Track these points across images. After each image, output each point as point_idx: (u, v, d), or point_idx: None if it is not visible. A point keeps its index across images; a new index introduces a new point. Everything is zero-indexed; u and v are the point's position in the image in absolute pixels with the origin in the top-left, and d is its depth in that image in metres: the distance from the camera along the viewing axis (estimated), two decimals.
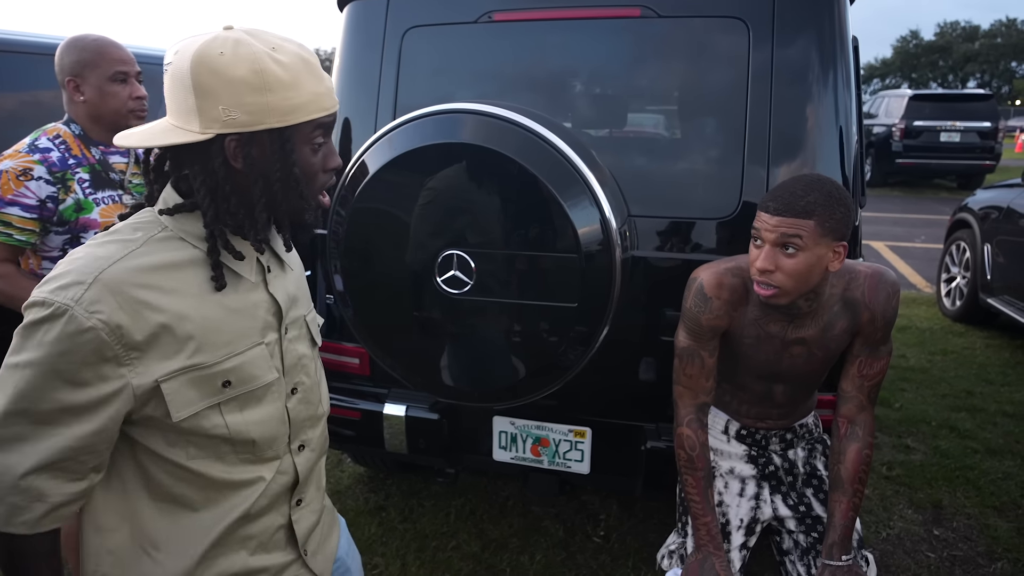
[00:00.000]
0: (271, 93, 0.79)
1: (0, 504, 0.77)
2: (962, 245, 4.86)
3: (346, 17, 1.98)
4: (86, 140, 1.72)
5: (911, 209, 10.06)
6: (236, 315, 0.87)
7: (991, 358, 4.20)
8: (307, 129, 0.83)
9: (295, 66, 0.81)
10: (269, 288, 0.92)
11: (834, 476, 1.48)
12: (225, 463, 0.89)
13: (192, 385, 0.82)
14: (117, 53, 1.69)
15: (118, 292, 0.76)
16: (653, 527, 2.47)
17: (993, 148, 11.19)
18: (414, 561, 2.28)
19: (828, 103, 1.65)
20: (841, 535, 1.43)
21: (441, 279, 1.58)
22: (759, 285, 1.32)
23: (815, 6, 1.64)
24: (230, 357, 0.86)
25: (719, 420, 1.63)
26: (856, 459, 1.46)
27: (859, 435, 1.48)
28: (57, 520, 0.81)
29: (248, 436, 0.89)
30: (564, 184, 1.47)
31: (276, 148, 0.82)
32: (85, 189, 1.67)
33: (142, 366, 0.79)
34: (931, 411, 3.45)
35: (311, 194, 0.87)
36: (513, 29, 1.84)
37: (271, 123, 0.80)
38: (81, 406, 0.77)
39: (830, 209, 1.26)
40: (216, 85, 0.78)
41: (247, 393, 0.88)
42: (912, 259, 6.94)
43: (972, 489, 2.74)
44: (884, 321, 1.42)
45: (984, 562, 2.30)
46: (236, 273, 0.88)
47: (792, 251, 1.28)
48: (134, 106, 1.72)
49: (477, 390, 1.66)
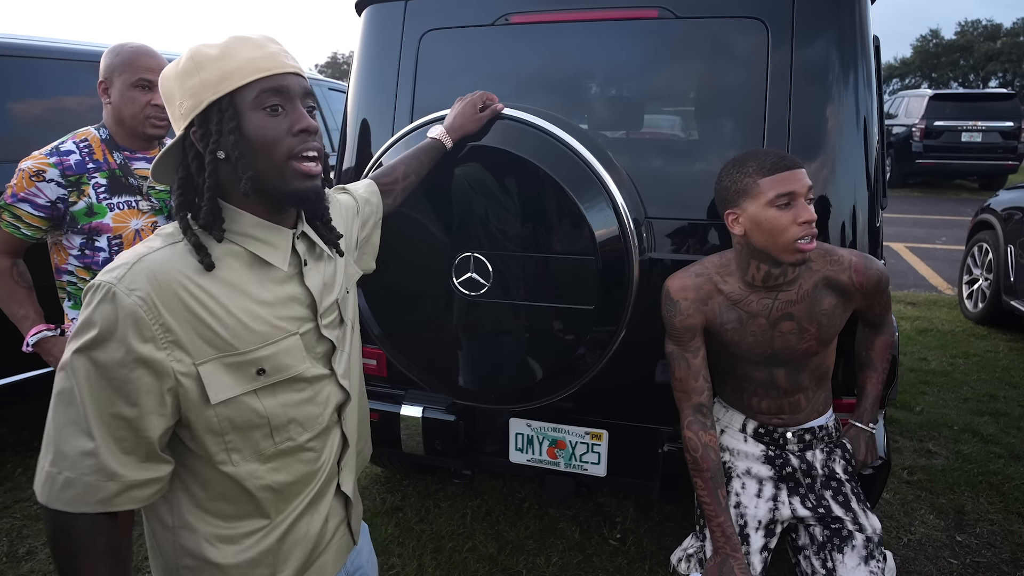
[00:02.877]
0: (202, 71, 0.84)
1: (75, 485, 0.80)
2: (984, 246, 4.79)
3: (364, 21, 1.99)
4: (111, 144, 1.74)
5: (932, 210, 9.92)
6: (269, 307, 0.90)
7: (1015, 361, 4.13)
8: (250, 94, 0.85)
9: (228, 43, 0.86)
10: (305, 280, 0.95)
11: (864, 358, 1.64)
12: (269, 462, 0.92)
13: (228, 371, 0.86)
14: (146, 61, 1.71)
15: (155, 278, 0.81)
16: (670, 530, 2.46)
17: (1016, 148, 11.01)
18: (431, 562, 2.28)
19: (848, 103, 1.63)
20: (872, 403, 1.62)
21: (458, 281, 1.58)
22: (802, 241, 1.35)
23: (835, 6, 1.63)
24: (264, 346, 0.88)
25: (736, 419, 1.62)
26: (884, 343, 1.62)
27: (884, 331, 1.63)
28: (131, 501, 0.84)
29: (286, 418, 0.92)
30: (581, 186, 1.47)
31: (224, 118, 0.85)
32: (100, 194, 1.69)
33: (179, 350, 0.82)
34: (953, 415, 3.40)
35: (277, 157, 0.87)
36: (530, 31, 1.84)
37: (209, 97, 0.84)
38: (131, 388, 0.80)
39: None
40: (171, 88, 0.87)
41: (282, 381, 0.91)
42: (933, 260, 6.85)
43: (995, 494, 2.69)
44: (879, 288, 1.50)
45: (1008, 569, 2.26)
46: (266, 262, 0.90)
47: (812, 199, 1.39)
48: (151, 113, 1.73)
49: (493, 392, 1.66)
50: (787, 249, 1.37)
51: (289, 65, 0.88)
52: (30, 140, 2.53)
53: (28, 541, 2.39)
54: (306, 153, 0.88)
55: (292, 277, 0.94)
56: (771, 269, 1.44)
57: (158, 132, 1.76)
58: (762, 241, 1.39)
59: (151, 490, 0.86)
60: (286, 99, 0.87)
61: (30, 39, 2.94)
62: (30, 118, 2.82)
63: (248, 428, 0.89)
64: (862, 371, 1.64)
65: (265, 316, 0.89)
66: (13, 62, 2.77)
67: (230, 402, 0.86)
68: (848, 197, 1.63)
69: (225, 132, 0.84)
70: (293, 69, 0.88)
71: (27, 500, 2.64)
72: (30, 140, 2.53)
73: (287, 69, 0.87)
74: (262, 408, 0.89)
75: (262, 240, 0.90)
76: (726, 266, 1.52)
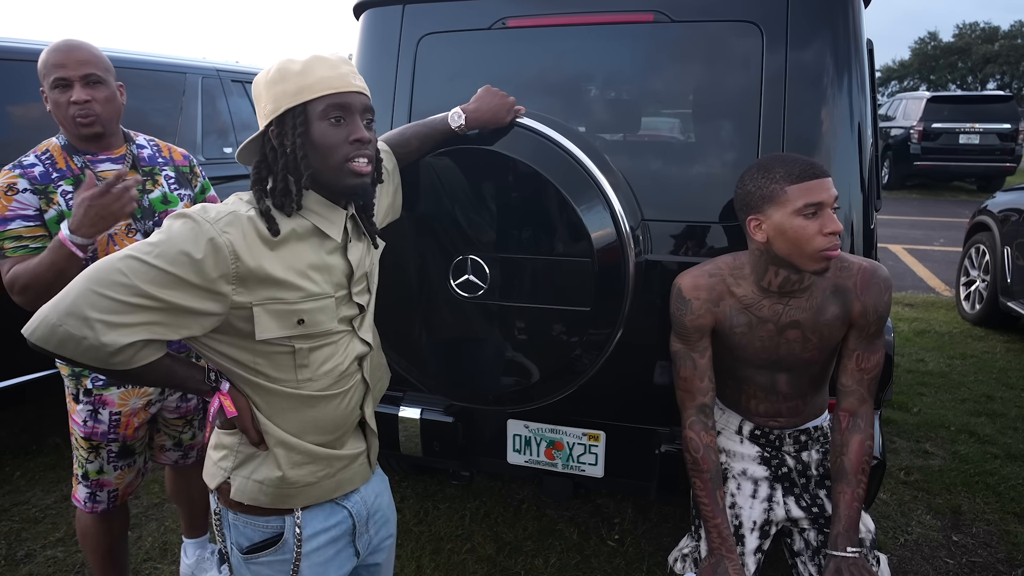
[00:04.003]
0: (285, 82, 1.05)
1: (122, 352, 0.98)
2: (982, 248, 4.81)
3: (362, 24, 2.01)
4: (71, 150, 1.65)
5: (929, 212, 9.94)
6: (317, 270, 1.09)
7: (1012, 362, 4.14)
8: (319, 106, 1.05)
9: (308, 61, 1.06)
10: (348, 254, 1.15)
11: (837, 468, 1.48)
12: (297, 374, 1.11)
13: (274, 316, 1.04)
14: (54, 58, 1.58)
15: (241, 230, 1.01)
16: (668, 531, 2.47)
17: (1013, 150, 11.04)
18: (429, 563, 2.29)
19: (843, 106, 1.64)
20: (846, 525, 1.42)
21: (455, 283, 1.59)
22: (828, 251, 1.33)
23: (829, 9, 1.64)
24: (306, 300, 1.07)
25: (733, 420, 1.63)
26: (859, 450, 1.46)
27: (861, 427, 1.48)
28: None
29: (316, 362, 1.12)
30: (577, 188, 1.48)
31: (296, 124, 1.05)
32: (69, 201, 1.61)
33: (244, 289, 1.02)
34: (950, 416, 3.41)
35: (334, 160, 1.06)
36: (527, 35, 1.85)
37: (287, 104, 1.04)
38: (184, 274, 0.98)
39: None
40: (260, 91, 1.08)
41: (315, 334, 1.10)
42: (931, 262, 6.86)
43: (992, 495, 2.70)
44: (877, 315, 1.44)
45: (1004, 569, 2.27)
46: (325, 234, 1.11)
47: (837, 207, 1.36)
48: (73, 112, 1.59)
49: (491, 393, 1.67)
50: (811, 258, 1.34)
51: (354, 85, 1.07)
52: (28, 142, 2.53)
53: (27, 544, 2.40)
54: (358, 159, 1.07)
55: (338, 249, 1.13)
56: (790, 275, 1.41)
57: (91, 130, 1.63)
58: (785, 249, 1.36)
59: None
60: (347, 113, 1.06)
61: (16, 41, 2.94)
62: (28, 121, 2.83)
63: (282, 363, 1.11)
64: (834, 483, 1.48)
65: (313, 277, 1.08)
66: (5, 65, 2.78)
67: (273, 343, 1.06)
68: (842, 199, 1.64)
69: (296, 134, 1.04)
70: (357, 88, 1.08)
71: (26, 503, 2.65)
72: (28, 142, 2.53)
73: (352, 88, 1.07)
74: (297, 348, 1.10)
75: (323, 216, 1.10)
76: (739, 269, 1.49)
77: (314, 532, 1.18)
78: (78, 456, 1.78)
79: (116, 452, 1.77)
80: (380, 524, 1.33)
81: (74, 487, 1.82)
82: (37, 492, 2.74)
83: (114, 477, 1.80)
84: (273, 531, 1.16)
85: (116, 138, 1.72)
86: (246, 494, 1.13)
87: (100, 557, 1.87)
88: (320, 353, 1.12)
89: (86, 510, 1.81)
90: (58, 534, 2.46)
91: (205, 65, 4.04)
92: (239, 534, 1.16)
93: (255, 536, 1.16)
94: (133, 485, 1.86)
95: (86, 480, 1.78)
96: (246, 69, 4.40)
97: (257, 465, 1.13)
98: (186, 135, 3.70)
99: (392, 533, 1.38)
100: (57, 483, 2.79)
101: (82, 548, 1.90)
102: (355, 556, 1.26)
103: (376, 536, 1.32)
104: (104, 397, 1.71)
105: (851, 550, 1.40)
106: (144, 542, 2.42)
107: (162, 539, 2.44)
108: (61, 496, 2.69)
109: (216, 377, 1.13)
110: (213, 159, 3.84)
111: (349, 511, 1.24)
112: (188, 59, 4.01)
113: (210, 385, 1.12)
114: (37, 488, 2.76)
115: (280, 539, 1.15)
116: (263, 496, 1.13)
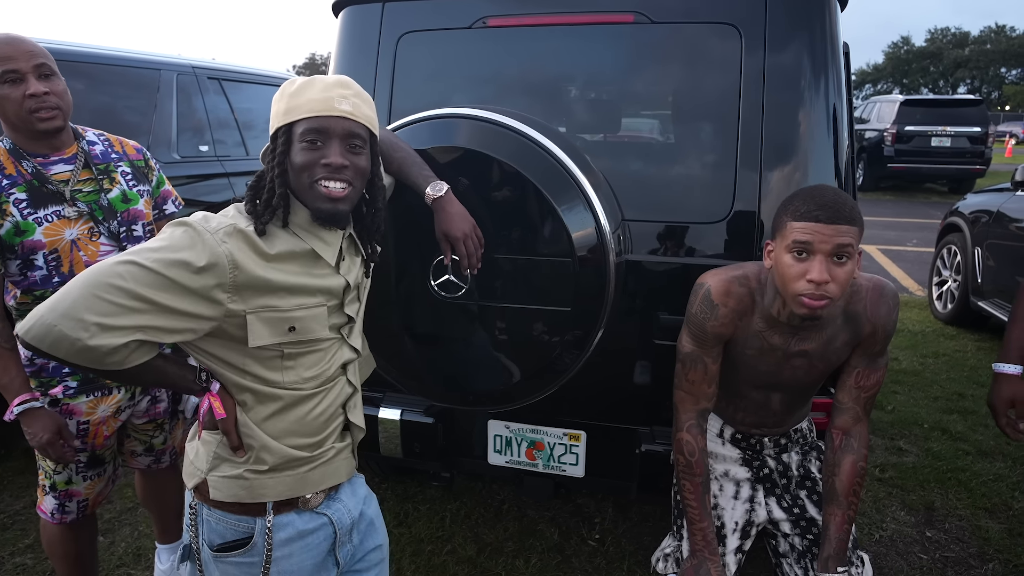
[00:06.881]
0: (280, 101, 1.10)
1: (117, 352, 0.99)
2: (953, 249, 4.90)
3: (341, 22, 1.99)
4: (17, 154, 1.54)
5: (903, 213, 10.12)
6: (310, 283, 1.12)
7: (982, 360, 4.23)
8: (299, 128, 1.08)
9: (305, 82, 1.10)
10: (341, 271, 1.18)
11: (829, 488, 1.47)
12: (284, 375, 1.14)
13: (266, 324, 1.08)
14: (3, 51, 1.48)
15: (239, 240, 1.04)
16: (648, 530, 2.48)
17: (983, 153, 11.31)
18: (409, 565, 2.27)
19: (820, 108, 1.66)
20: (836, 548, 1.42)
21: (435, 283, 1.58)
22: (808, 298, 1.26)
23: (806, 13, 1.66)
24: (298, 309, 1.10)
25: (714, 423, 1.63)
26: (851, 471, 1.45)
27: (854, 447, 1.47)
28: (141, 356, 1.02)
29: (303, 366, 1.15)
30: (558, 188, 1.48)
31: (279, 143, 1.10)
32: (23, 210, 1.51)
33: (239, 298, 1.04)
34: (923, 413, 3.48)
35: (303, 182, 1.09)
36: (507, 35, 1.85)
37: (277, 123, 1.10)
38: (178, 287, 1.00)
39: (860, 214, 1.26)
40: (273, 105, 1.13)
41: (306, 341, 1.13)
42: (904, 262, 6.99)
43: (964, 491, 2.75)
44: (885, 334, 1.42)
45: (976, 563, 2.32)
46: (318, 255, 1.14)
47: (844, 260, 1.25)
48: (31, 105, 1.49)
49: (472, 394, 1.66)
50: (792, 300, 1.29)
51: (338, 110, 1.08)
52: None
53: None
54: (326, 183, 1.08)
55: (331, 268, 1.16)
56: (794, 311, 1.33)
57: (51, 124, 1.53)
58: (777, 282, 1.33)
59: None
60: (325, 137, 1.08)
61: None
62: None
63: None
64: (826, 504, 1.46)
65: (306, 288, 1.11)
66: None
67: (264, 348, 1.09)
68: None
69: (278, 153, 1.10)
70: (341, 113, 1.08)
71: None
72: None
73: (334, 113, 1.08)
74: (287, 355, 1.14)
75: (317, 236, 1.14)
76: (763, 286, 1.43)
77: (288, 537, 1.17)
78: (44, 467, 1.70)
79: (85, 462, 1.70)
80: (365, 532, 1.31)
81: (39, 499, 1.74)
82: (5, 498, 2.67)
83: (84, 487, 1.73)
84: (245, 532, 1.15)
85: (68, 136, 1.63)
86: (224, 491, 1.13)
87: (68, 565, 1.81)
88: (308, 358, 1.15)
89: (53, 521, 1.74)
90: (27, 540, 2.40)
91: (180, 62, 3.97)
92: (211, 531, 1.16)
93: (227, 534, 1.15)
94: (104, 493, 1.80)
95: (54, 491, 1.71)
96: (222, 66, 4.34)
97: (237, 463, 1.14)
98: (161, 133, 3.63)
99: (379, 544, 1.35)
100: (26, 488, 2.72)
101: (49, 556, 1.84)
102: (335, 566, 1.25)
103: (361, 546, 1.30)
104: (72, 407, 1.64)
105: (840, 570, 1.41)
106: (117, 547, 2.37)
107: (136, 544, 2.39)
108: (30, 501, 2.63)
109: (207, 377, 1.14)
110: (188, 157, 3.78)
111: (330, 518, 1.23)
112: (163, 56, 3.94)
113: (201, 385, 1.13)
114: (5, 494, 2.70)
115: (250, 541, 1.15)
116: (241, 491, 1.13)
